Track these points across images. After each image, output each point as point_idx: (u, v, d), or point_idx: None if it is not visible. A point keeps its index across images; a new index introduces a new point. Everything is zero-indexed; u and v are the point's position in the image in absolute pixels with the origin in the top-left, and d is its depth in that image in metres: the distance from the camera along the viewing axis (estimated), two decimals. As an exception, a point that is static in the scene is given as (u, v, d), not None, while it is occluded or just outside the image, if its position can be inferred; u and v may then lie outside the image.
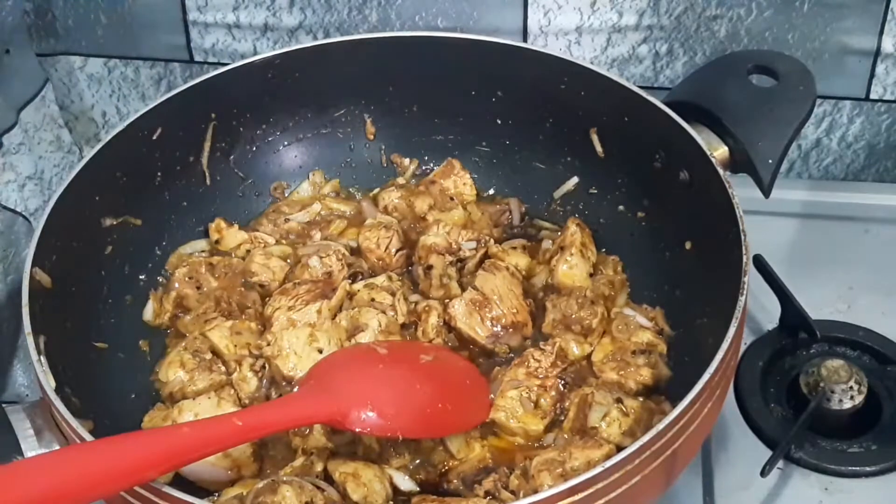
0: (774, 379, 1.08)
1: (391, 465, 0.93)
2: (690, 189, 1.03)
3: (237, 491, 0.90)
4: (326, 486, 0.89)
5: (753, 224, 0.93)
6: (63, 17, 1.37)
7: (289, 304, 1.03)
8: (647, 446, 0.78)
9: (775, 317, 1.11)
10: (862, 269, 1.19)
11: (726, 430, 1.04)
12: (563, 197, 1.17)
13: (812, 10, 1.24)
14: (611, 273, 1.09)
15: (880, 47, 1.26)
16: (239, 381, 0.99)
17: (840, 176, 1.38)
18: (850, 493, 0.99)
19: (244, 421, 0.82)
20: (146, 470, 0.76)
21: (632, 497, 0.79)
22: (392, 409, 0.90)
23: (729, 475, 1.00)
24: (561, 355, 1.00)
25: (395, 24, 1.32)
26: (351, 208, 1.19)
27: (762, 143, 1.02)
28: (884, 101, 1.30)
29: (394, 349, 0.99)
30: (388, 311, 1.03)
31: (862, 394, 1.03)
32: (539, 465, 0.88)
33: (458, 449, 0.95)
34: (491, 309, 1.03)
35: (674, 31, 1.28)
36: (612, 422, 0.93)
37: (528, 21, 1.29)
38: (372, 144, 1.23)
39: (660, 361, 1.00)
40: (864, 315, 1.13)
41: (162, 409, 0.98)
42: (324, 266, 1.08)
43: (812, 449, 1.01)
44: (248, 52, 1.36)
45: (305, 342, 0.99)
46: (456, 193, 1.18)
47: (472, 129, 1.20)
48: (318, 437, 0.93)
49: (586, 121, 1.13)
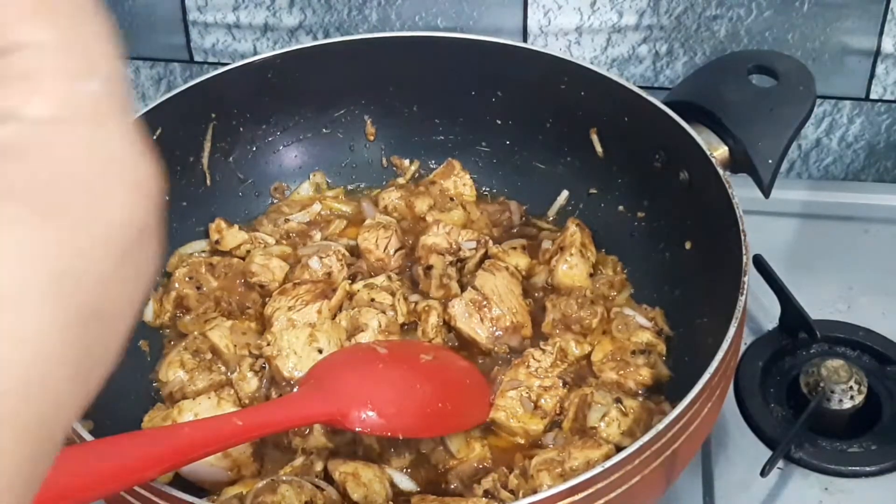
0: (774, 379, 1.08)
1: (391, 465, 0.93)
2: (690, 189, 1.03)
3: (237, 491, 0.90)
4: (326, 486, 0.89)
5: (753, 224, 0.93)
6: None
7: (289, 305, 1.03)
8: (646, 446, 0.78)
9: (775, 317, 1.11)
10: (862, 269, 1.19)
11: (726, 431, 1.04)
12: (560, 205, 1.17)
13: (812, 10, 1.24)
14: (611, 273, 1.09)
15: (880, 47, 1.26)
16: (239, 381, 0.99)
17: (840, 176, 1.38)
18: (850, 493, 0.99)
19: (244, 421, 0.82)
20: (146, 470, 0.76)
21: (632, 497, 0.79)
22: (392, 409, 0.90)
23: (729, 475, 1.00)
24: (561, 355, 1.00)
25: (395, 24, 1.32)
26: (351, 208, 1.20)
27: (762, 143, 1.02)
28: (884, 101, 1.30)
29: (394, 349, 0.99)
30: (387, 311, 1.03)
31: (862, 394, 1.03)
32: (538, 464, 0.89)
33: (458, 449, 0.95)
34: (491, 309, 1.03)
35: (674, 31, 1.28)
36: (612, 422, 0.93)
37: (528, 21, 1.29)
38: (372, 145, 1.23)
39: (659, 361, 1.00)
40: (864, 315, 1.13)
41: (162, 409, 0.98)
42: (324, 266, 1.08)
43: (812, 449, 1.01)
44: (248, 52, 1.36)
45: (305, 342, 0.99)
46: (456, 194, 1.18)
47: (472, 129, 1.20)
48: (318, 436, 0.93)
49: (586, 121, 1.13)
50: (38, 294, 0.32)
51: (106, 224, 0.34)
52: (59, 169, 0.33)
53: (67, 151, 0.33)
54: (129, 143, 0.36)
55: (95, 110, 0.34)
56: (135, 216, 0.36)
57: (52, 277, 0.32)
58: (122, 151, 0.35)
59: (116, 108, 0.34)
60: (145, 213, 0.36)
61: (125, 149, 0.35)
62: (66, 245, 0.33)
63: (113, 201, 0.35)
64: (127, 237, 0.35)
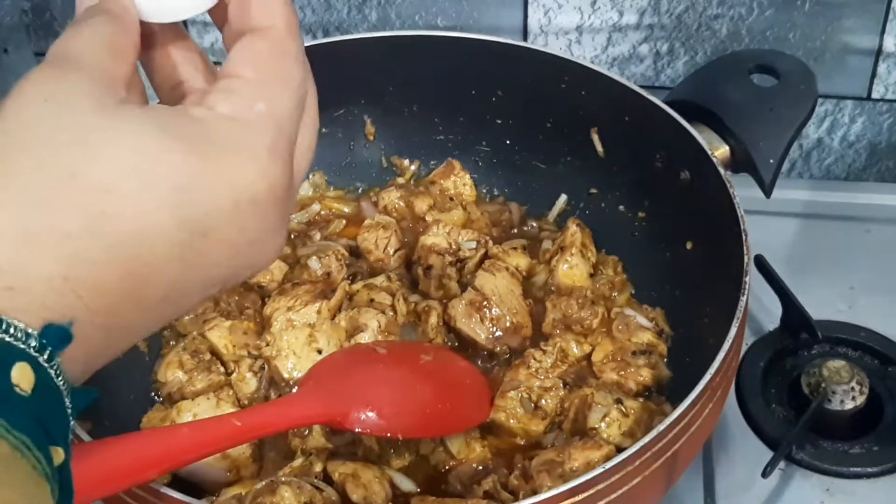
0: (776, 379, 1.08)
1: (391, 466, 0.93)
2: (691, 189, 1.03)
3: (236, 491, 0.89)
4: (325, 487, 0.89)
5: (754, 224, 0.93)
6: (62, 17, 1.37)
7: (288, 305, 1.02)
8: (647, 447, 0.78)
9: (776, 317, 1.11)
10: (864, 269, 1.19)
11: (727, 431, 1.04)
12: (559, 210, 1.17)
13: (813, 9, 1.24)
14: (611, 273, 1.09)
15: (882, 46, 1.25)
16: (238, 381, 0.99)
17: (841, 176, 1.38)
18: (851, 494, 0.99)
19: (243, 421, 0.82)
20: (144, 470, 0.75)
21: (632, 498, 0.79)
22: (392, 410, 0.90)
23: (730, 476, 1.00)
24: (561, 356, 1.00)
25: (395, 23, 1.32)
26: (351, 208, 1.19)
27: (763, 142, 1.02)
28: (885, 100, 1.30)
29: (393, 349, 0.99)
30: (387, 311, 1.02)
31: (863, 394, 1.02)
32: (538, 465, 0.88)
33: (458, 449, 0.94)
34: (491, 309, 1.03)
35: (675, 31, 1.28)
36: (612, 423, 0.92)
37: (528, 20, 1.29)
38: (372, 145, 1.23)
39: (660, 362, 1.00)
40: (865, 315, 1.13)
41: (160, 410, 0.98)
42: (323, 266, 1.08)
43: (813, 450, 1.01)
44: (248, 51, 1.36)
45: (304, 343, 0.98)
46: (456, 194, 1.18)
47: (472, 129, 1.20)
48: (317, 437, 0.93)
49: (586, 121, 1.12)
50: (162, 190, 0.46)
51: (237, 178, 0.48)
52: (213, 137, 0.48)
53: (229, 132, 0.49)
54: (272, 146, 0.50)
55: (257, 121, 0.50)
56: (262, 186, 0.49)
57: (177, 188, 0.46)
58: (266, 149, 0.50)
59: (270, 126, 0.51)
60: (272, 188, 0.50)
61: (268, 148, 0.50)
62: (199, 178, 0.47)
63: (248, 170, 0.49)
64: (253, 196, 0.49)
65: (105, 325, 0.45)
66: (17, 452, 0.40)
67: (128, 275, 0.45)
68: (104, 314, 0.45)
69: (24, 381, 0.41)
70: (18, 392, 0.41)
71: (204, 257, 0.48)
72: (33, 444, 0.41)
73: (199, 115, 0.49)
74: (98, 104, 0.47)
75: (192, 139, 0.47)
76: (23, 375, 0.41)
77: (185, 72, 0.56)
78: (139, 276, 0.45)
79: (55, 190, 0.44)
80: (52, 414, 0.43)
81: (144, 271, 0.45)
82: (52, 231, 0.43)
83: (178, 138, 0.47)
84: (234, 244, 0.49)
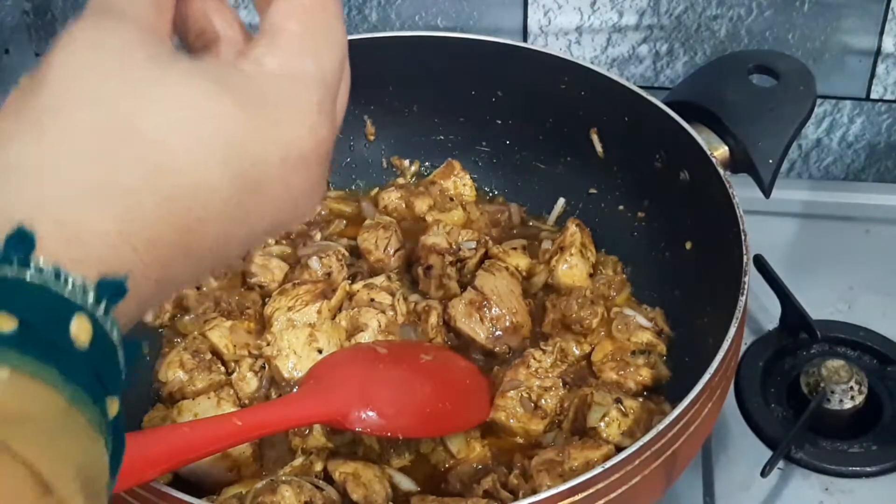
0: (775, 379, 1.08)
1: (391, 466, 0.93)
2: (691, 189, 1.03)
3: (236, 491, 0.90)
4: (326, 486, 0.89)
5: (754, 224, 0.93)
6: (63, 17, 1.37)
7: (288, 305, 1.03)
8: (646, 447, 0.78)
9: (776, 317, 1.11)
10: (862, 269, 1.19)
11: (726, 431, 1.04)
12: (558, 213, 1.17)
13: (812, 9, 1.24)
14: (611, 273, 1.09)
15: (881, 47, 1.26)
16: (238, 381, 0.99)
17: (840, 176, 1.38)
18: (850, 493, 0.99)
19: (244, 421, 0.82)
20: (145, 470, 0.76)
21: (632, 498, 0.79)
22: (392, 409, 0.90)
23: (729, 475, 1.00)
24: (561, 356, 1.00)
25: (395, 23, 1.32)
26: (351, 208, 1.19)
27: (762, 142, 1.02)
28: (884, 100, 1.30)
29: (394, 349, 0.99)
30: (387, 311, 1.03)
31: (862, 394, 1.03)
32: (538, 465, 0.88)
33: (458, 448, 0.95)
34: (491, 309, 1.03)
35: (674, 31, 1.28)
36: (612, 422, 0.92)
37: (528, 21, 1.29)
38: (372, 145, 1.23)
39: (659, 362, 1.00)
40: (864, 315, 1.13)
41: (161, 410, 0.98)
42: (323, 266, 1.08)
43: (812, 449, 1.01)
44: (248, 51, 1.36)
45: (305, 342, 0.98)
46: (456, 194, 1.18)
47: (472, 129, 1.20)
48: (317, 437, 0.93)
49: (586, 121, 1.12)
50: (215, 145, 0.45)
51: (288, 135, 0.48)
52: (264, 93, 0.48)
53: (279, 89, 0.48)
54: (320, 103, 0.50)
55: (305, 77, 0.50)
56: (310, 143, 0.49)
57: (229, 143, 0.46)
58: (315, 106, 0.50)
59: (318, 82, 0.50)
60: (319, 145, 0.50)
61: (317, 104, 0.50)
62: (250, 133, 0.46)
63: (297, 127, 0.49)
64: (301, 153, 0.49)
65: (157, 278, 0.45)
66: (75, 406, 0.40)
67: (180, 229, 0.45)
68: (158, 267, 0.45)
69: (82, 333, 0.41)
70: (77, 346, 0.41)
71: (251, 213, 0.48)
72: (90, 399, 0.41)
73: (249, 70, 0.48)
74: (149, 55, 0.46)
75: (243, 95, 0.47)
76: (81, 328, 0.41)
77: (216, 21, 0.54)
78: (191, 230, 0.45)
79: (112, 143, 0.43)
80: (107, 367, 0.42)
81: (196, 226, 0.45)
82: (110, 185, 0.43)
83: (230, 93, 0.46)
84: (279, 199, 0.49)
